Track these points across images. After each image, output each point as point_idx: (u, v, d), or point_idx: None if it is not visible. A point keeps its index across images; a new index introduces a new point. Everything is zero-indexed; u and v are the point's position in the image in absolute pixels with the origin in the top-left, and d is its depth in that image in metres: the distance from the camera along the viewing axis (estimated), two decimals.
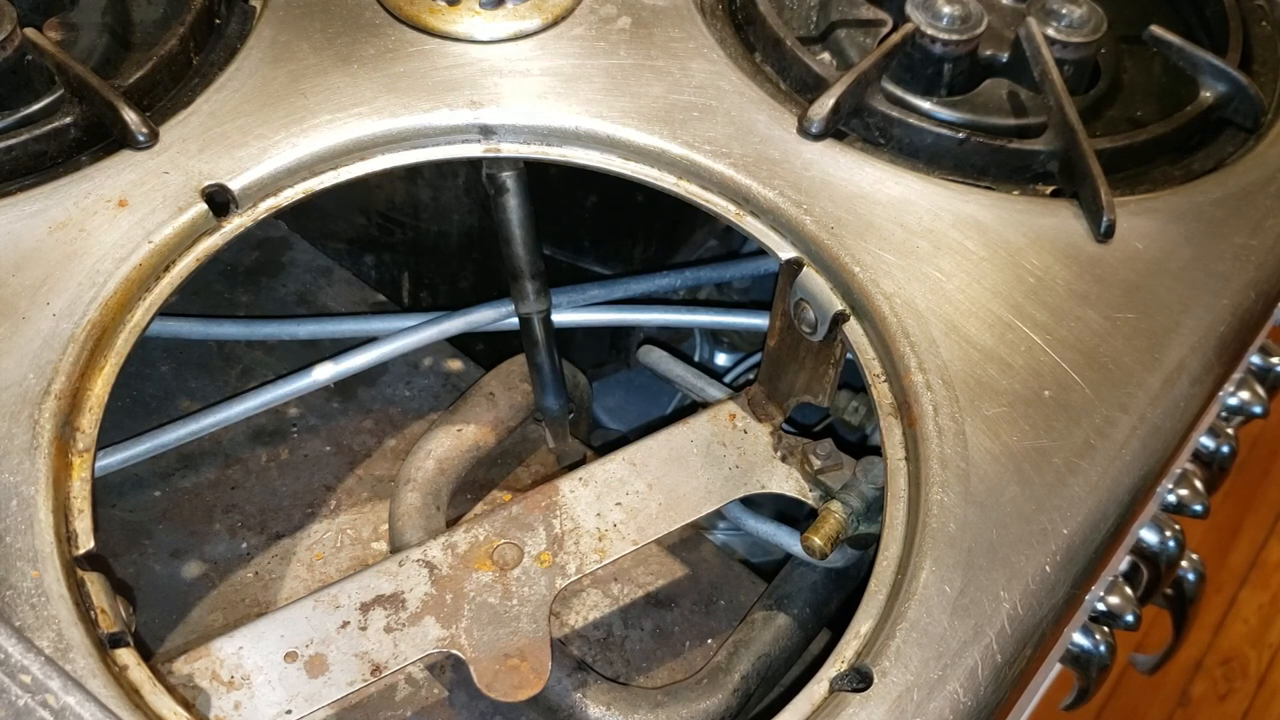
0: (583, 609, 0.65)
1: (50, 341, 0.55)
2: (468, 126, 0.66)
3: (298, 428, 0.70)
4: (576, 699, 0.58)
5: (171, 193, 0.60)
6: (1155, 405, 0.60)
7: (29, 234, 0.58)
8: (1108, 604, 0.76)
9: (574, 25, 0.71)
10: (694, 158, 0.66)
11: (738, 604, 0.66)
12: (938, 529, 0.54)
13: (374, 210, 0.85)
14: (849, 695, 0.50)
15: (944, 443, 0.56)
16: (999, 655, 0.52)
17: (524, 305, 0.67)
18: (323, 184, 0.64)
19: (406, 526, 0.61)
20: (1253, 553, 1.89)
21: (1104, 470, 0.58)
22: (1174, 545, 0.79)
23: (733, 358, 0.92)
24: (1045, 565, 0.54)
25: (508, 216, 0.66)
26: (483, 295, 0.70)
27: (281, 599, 0.63)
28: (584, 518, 0.59)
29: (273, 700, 0.52)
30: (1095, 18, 0.72)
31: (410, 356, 0.74)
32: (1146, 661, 1.09)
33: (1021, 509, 0.55)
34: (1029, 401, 0.58)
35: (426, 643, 0.54)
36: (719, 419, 0.64)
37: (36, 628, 0.47)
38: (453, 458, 0.65)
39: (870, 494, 0.60)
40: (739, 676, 0.60)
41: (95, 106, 0.62)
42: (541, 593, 0.56)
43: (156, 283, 0.59)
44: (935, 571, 0.53)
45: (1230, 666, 1.77)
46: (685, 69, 0.69)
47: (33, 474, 0.51)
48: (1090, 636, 0.78)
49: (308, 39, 0.69)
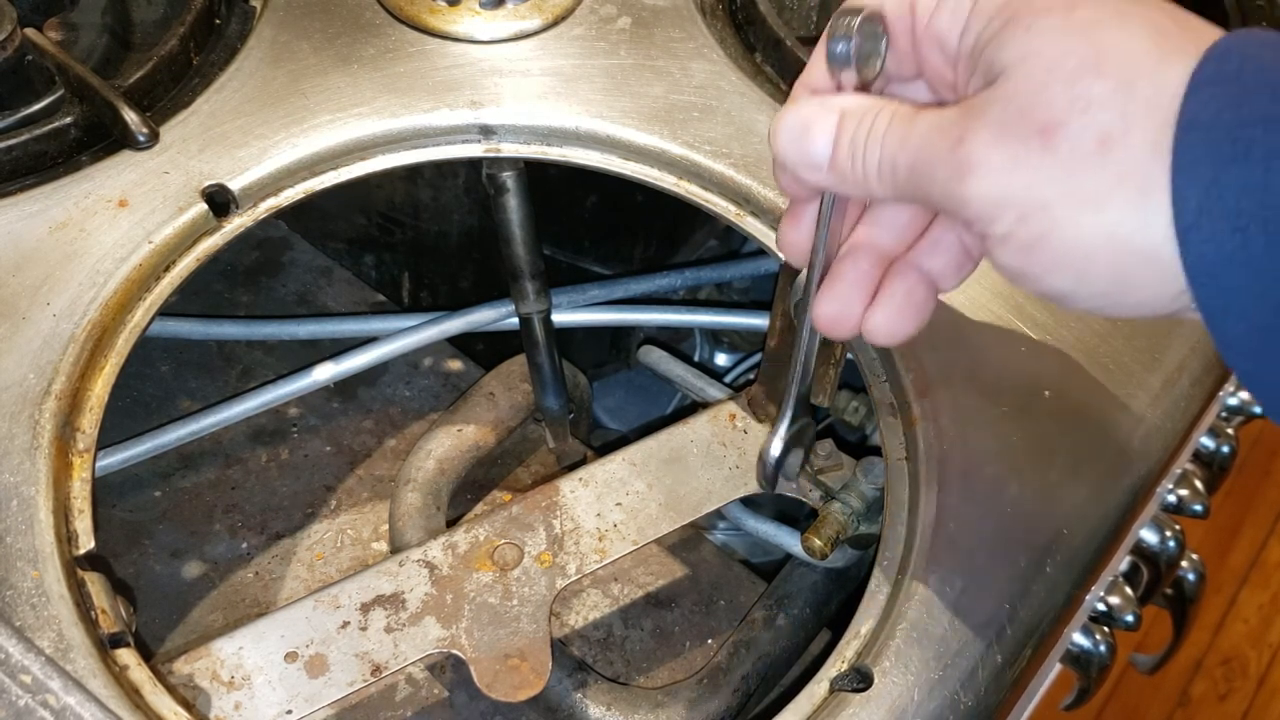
0: (583, 609, 0.65)
1: (50, 341, 0.55)
2: (468, 126, 0.66)
3: (298, 428, 0.70)
4: (577, 699, 0.58)
5: (172, 193, 0.60)
6: (1155, 405, 0.60)
7: (29, 234, 0.58)
8: (1108, 604, 0.76)
9: (574, 25, 0.71)
10: (694, 158, 0.66)
11: (738, 604, 0.66)
12: (938, 529, 0.54)
13: (374, 210, 0.85)
14: (849, 695, 0.50)
15: (944, 443, 0.56)
16: (999, 655, 0.52)
17: (524, 305, 0.67)
18: (323, 184, 0.64)
19: (407, 526, 0.61)
20: (1253, 553, 1.89)
21: (1104, 470, 0.58)
22: (1174, 545, 0.79)
23: (733, 358, 0.92)
24: (1045, 565, 0.54)
25: (508, 216, 0.66)
26: (483, 295, 0.70)
27: (282, 599, 0.63)
28: (584, 518, 0.59)
29: (273, 700, 0.52)
30: None
31: (410, 356, 0.74)
32: (1146, 661, 1.09)
33: (1022, 509, 0.55)
34: (1029, 401, 0.58)
35: (427, 643, 0.54)
36: (719, 419, 0.64)
37: (37, 628, 0.47)
38: (453, 458, 0.65)
39: (870, 494, 0.60)
40: (739, 676, 0.60)
41: (95, 106, 0.62)
42: (541, 593, 0.56)
43: (156, 283, 0.59)
44: (935, 572, 0.53)
45: (1230, 666, 1.77)
46: (685, 69, 0.69)
47: (33, 474, 0.51)
48: (1090, 636, 0.78)
49: (308, 39, 0.69)
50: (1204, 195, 0.37)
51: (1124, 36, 0.39)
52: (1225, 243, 0.37)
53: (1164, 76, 0.39)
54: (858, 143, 0.44)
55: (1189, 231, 0.38)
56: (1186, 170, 0.37)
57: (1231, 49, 0.38)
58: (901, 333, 0.48)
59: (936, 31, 0.44)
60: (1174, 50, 0.39)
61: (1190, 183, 0.37)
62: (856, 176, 0.45)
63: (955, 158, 0.41)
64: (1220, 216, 0.37)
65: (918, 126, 0.43)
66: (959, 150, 0.41)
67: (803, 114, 0.46)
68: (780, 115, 0.47)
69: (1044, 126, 0.39)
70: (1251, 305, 0.37)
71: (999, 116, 0.40)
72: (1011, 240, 0.41)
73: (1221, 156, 0.37)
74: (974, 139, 0.41)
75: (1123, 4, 0.40)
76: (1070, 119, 0.39)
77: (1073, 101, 0.39)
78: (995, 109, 0.41)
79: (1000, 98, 0.41)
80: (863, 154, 0.44)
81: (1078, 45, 0.39)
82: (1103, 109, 0.39)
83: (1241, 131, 0.37)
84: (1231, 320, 0.38)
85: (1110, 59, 0.39)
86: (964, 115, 0.42)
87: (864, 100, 0.45)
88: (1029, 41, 0.40)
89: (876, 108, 0.45)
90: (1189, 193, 0.37)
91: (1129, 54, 0.39)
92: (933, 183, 0.42)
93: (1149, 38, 0.39)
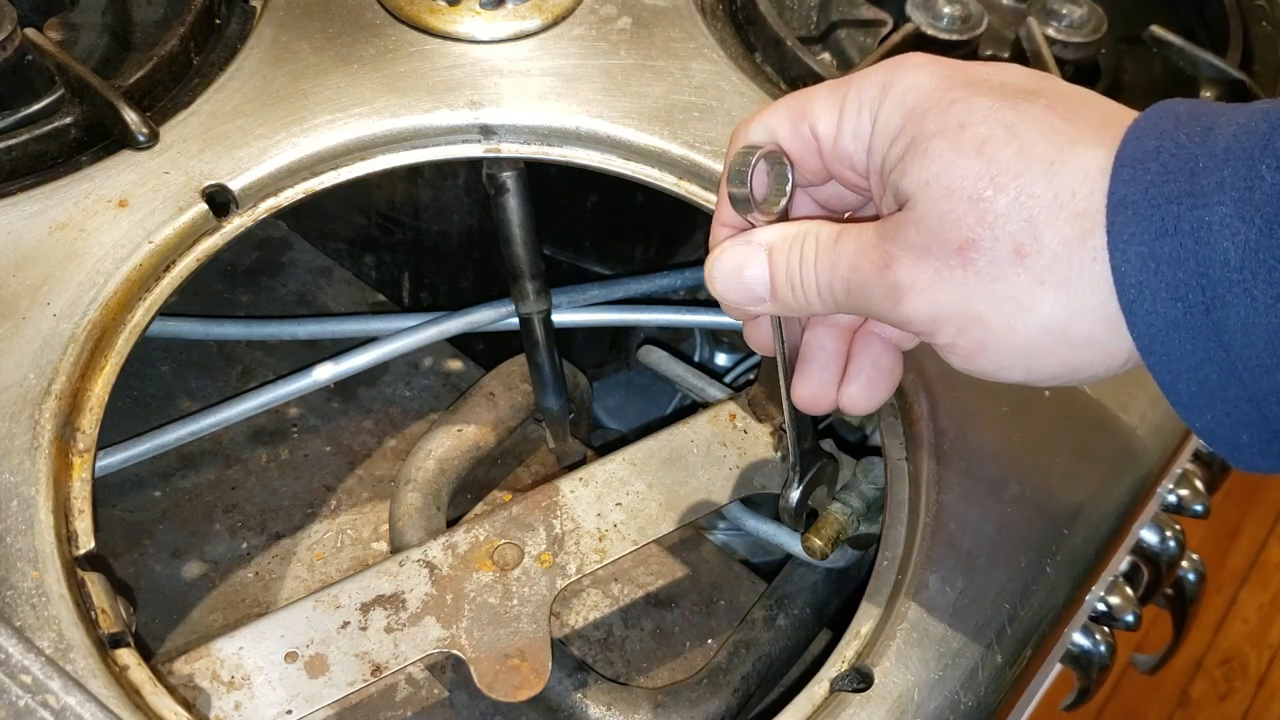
0: (583, 609, 0.65)
1: (50, 342, 0.55)
2: (468, 126, 0.66)
3: (298, 428, 0.70)
4: (577, 699, 0.58)
5: (172, 193, 0.60)
6: (1156, 405, 0.60)
7: (29, 234, 0.58)
8: (1108, 604, 0.76)
9: (574, 25, 0.71)
10: (694, 158, 0.66)
11: (738, 604, 0.66)
12: (938, 529, 0.54)
13: (374, 210, 0.85)
14: (849, 695, 0.50)
15: (944, 443, 0.56)
16: (999, 655, 0.52)
17: (524, 305, 0.67)
18: (323, 184, 0.64)
19: (407, 526, 0.61)
20: (1253, 553, 1.89)
21: (1104, 470, 0.58)
22: (1174, 545, 0.79)
23: (733, 358, 0.92)
24: (1045, 565, 0.54)
25: (508, 216, 0.66)
26: (483, 295, 0.70)
27: (282, 599, 0.63)
28: (584, 518, 0.59)
29: (273, 700, 0.52)
30: (1095, 18, 0.72)
31: (410, 356, 0.74)
32: (1146, 661, 1.09)
33: (1022, 509, 0.55)
34: (1029, 401, 0.58)
35: (427, 643, 0.54)
36: (719, 419, 0.64)
37: (37, 628, 0.47)
38: (453, 458, 0.65)
39: (870, 494, 0.60)
40: (739, 676, 0.60)
41: (95, 106, 0.62)
42: (542, 593, 0.56)
43: (157, 283, 0.59)
44: (936, 572, 0.53)
45: (1230, 666, 1.77)
46: (685, 69, 0.69)
47: (33, 474, 0.51)
48: (1090, 636, 0.77)
49: (308, 39, 0.69)
50: (1142, 269, 0.39)
51: (1014, 145, 0.41)
52: (1168, 311, 0.39)
53: (1059, 174, 0.40)
54: (793, 273, 0.47)
55: (1133, 305, 0.40)
56: (1122, 248, 0.39)
57: (1148, 129, 0.40)
58: (876, 401, 0.51)
59: (842, 152, 0.46)
60: (1066, 145, 0.41)
61: (1127, 260, 0.39)
62: (800, 303, 0.47)
63: (885, 282, 0.43)
64: (1160, 287, 0.39)
65: (843, 252, 0.45)
66: (887, 275, 0.43)
67: (732, 258, 0.48)
68: (711, 262, 0.49)
69: (959, 245, 0.41)
70: (1198, 367, 0.39)
71: (915, 240, 0.42)
72: (956, 348, 0.43)
73: (1152, 232, 0.39)
74: (898, 264, 0.43)
75: (1007, 113, 0.42)
76: (981, 236, 0.41)
77: (979, 219, 0.41)
78: (910, 232, 0.42)
79: (913, 220, 0.42)
80: (800, 283, 0.46)
81: (972, 164, 0.41)
82: (1009, 220, 0.41)
83: (1168, 207, 0.39)
84: (1183, 382, 0.40)
85: (1005, 171, 0.41)
86: (884, 239, 0.43)
87: (785, 230, 0.47)
88: (926, 166, 0.42)
89: (800, 234, 0.47)
90: (1127, 269, 0.39)
91: (1021, 162, 0.41)
92: (870, 302, 0.45)
93: (1039, 141, 0.41)
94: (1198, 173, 0.38)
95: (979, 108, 0.42)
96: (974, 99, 0.42)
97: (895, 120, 0.44)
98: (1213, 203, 0.38)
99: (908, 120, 0.43)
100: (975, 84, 0.43)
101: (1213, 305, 0.38)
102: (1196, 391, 0.40)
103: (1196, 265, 0.38)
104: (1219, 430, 0.41)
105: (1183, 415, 0.41)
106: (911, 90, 0.43)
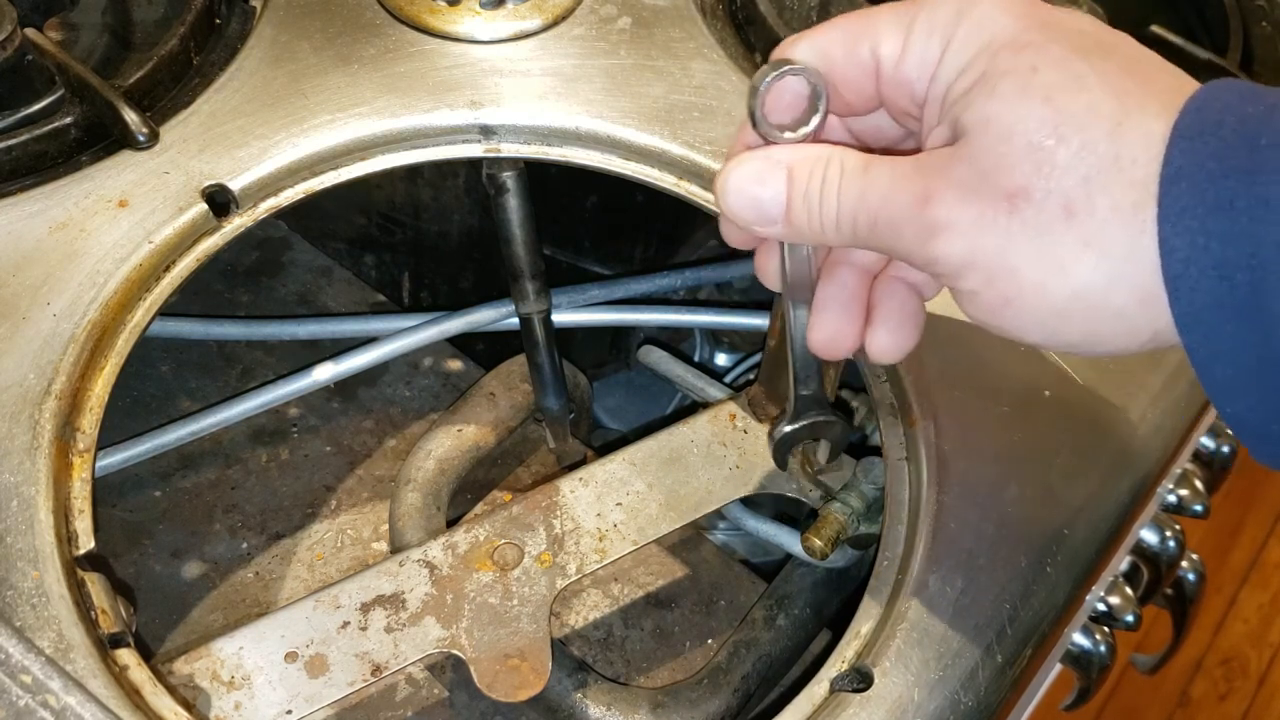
0: (583, 609, 0.65)
1: (50, 341, 0.55)
2: (468, 126, 0.66)
3: (298, 428, 0.70)
4: (577, 699, 0.58)
5: (172, 193, 0.60)
6: (1155, 405, 0.60)
7: (29, 234, 0.58)
8: (1108, 604, 0.76)
9: (574, 25, 0.71)
10: (694, 158, 0.66)
11: (738, 604, 0.66)
12: (938, 529, 0.54)
13: (374, 210, 0.85)
14: (849, 695, 0.50)
15: (944, 443, 0.56)
16: (999, 655, 0.52)
17: (524, 305, 0.67)
18: (323, 184, 0.64)
19: (407, 526, 0.61)
20: (1253, 553, 1.89)
21: (1104, 470, 0.58)
22: (1174, 545, 0.79)
23: (733, 358, 0.92)
24: (1045, 565, 0.54)
25: (508, 216, 0.66)
26: (483, 295, 0.70)
27: (282, 599, 0.63)
28: (584, 518, 0.59)
29: (273, 700, 0.52)
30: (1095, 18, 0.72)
31: (410, 356, 0.74)
32: (1146, 661, 1.09)
33: (1022, 509, 0.55)
34: (1029, 401, 0.58)
35: (427, 643, 0.54)
36: (719, 419, 0.64)
37: (37, 628, 0.47)
38: (453, 458, 0.65)
39: (870, 494, 0.60)
40: (739, 677, 0.60)
41: (95, 106, 0.62)
42: (542, 593, 0.56)
43: (157, 283, 0.59)
44: (936, 572, 0.53)
45: (1230, 666, 1.77)
46: (686, 69, 0.69)
47: (33, 474, 0.51)
48: (1090, 636, 0.78)
49: (308, 39, 0.69)
50: (1190, 245, 0.38)
51: (1084, 99, 0.40)
52: (1212, 290, 0.38)
53: (1124, 137, 0.39)
54: (812, 197, 0.44)
55: (1178, 280, 0.38)
56: (1173, 220, 0.38)
57: (1209, 101, 0.39)
58: (906, 347, 0.49)
59: (904, 77, 0.44)
60: (1135, 109, 0.39)
61: (1177, 233, 0.38)
62: (814, 229, 0.45)
63: (922, 217, 0.41)
64: (1207, 265, 0.38)
65: (875, 181, 0.43)
66: (926, 210, 0.41)
67: (750, 170, 0.46)
68: (724, 173, 0.46)
69: (1010, 192, 0.40)
70: (1237, 351, 0.38)
71: (964, 178, 0.41)
72: (980, 298, 0.42)
73: (1206, 206, 0.38)
74: (939, 199, 0.41)
75: (1081, 65, 0.40)
76: (1034, 185, 0.39)
77: (1036, 167, 0.39)
78: (960, 169, 0.41)
79: (965, 158, 0.41)
80: (818, 208, 0.44)
81: (1038, 109, 0.40)
82: (1065, 175, 0.39)
83: (1225, 182, 0.37)
84: (1219, 365, 0.39)
85: (1070, 123, 0.39)
86: (924, 173, 0.42)
87: (810, 151, 0.45)
88: (991, 104, 0.40)
89: (825, 158, 0.44)
90: (1177, 242, 0.38)
91: (1088, 117, 0.39)
92: (898, 238, 0.43)
93: (1109, 99, 0.40)
94: (1259, 149, 0.37)
95: (1053, 54, 0.40)
96: (1049, 45, 0.41)
97: (968, 50, 0.42)
98: (1275, 180, 0.37)
99: (980, 52, 0.41)
100: (1052, 27, 0.41)
101: (1259, 286, 0.37)
102: (1232, 375, 0.39)
103: (1248, 244, 0.37)
104: (1249, 418, 0.40)
105: (1213, 399, 0.40)
106: (989, 22, 0.42)
